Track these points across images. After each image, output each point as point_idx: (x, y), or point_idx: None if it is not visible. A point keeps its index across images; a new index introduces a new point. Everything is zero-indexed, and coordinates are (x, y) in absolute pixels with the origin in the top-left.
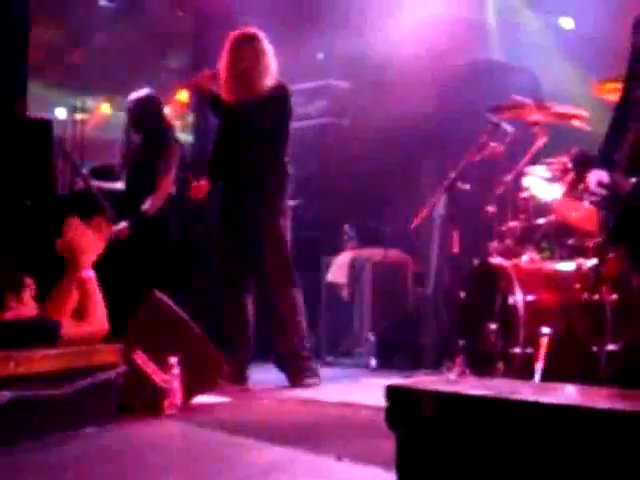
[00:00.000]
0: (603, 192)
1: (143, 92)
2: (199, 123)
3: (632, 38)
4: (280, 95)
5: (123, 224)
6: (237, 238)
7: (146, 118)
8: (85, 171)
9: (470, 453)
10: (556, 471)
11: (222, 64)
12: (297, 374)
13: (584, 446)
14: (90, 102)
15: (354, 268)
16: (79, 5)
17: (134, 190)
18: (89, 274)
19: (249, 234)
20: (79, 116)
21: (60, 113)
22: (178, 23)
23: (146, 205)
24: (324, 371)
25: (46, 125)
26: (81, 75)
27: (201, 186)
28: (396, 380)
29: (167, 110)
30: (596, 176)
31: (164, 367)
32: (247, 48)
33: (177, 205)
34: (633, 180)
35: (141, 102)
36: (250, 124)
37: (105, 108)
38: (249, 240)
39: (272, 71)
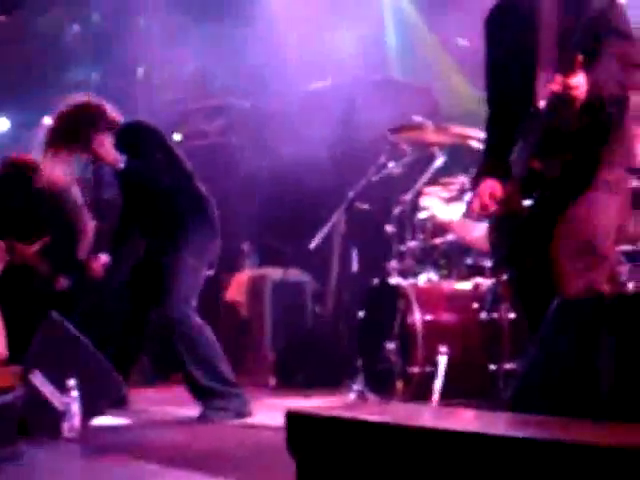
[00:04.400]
0: (493, 207)
1: None
2: None
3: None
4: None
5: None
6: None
7: None
8: None
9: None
10: None
11: None
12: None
13: (479, 473)
14: None
15: (253, 287)
16: None
17: None
18: None
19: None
20: None
21: None
22: (78, 37)
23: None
24: None
25: None
26: None
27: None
28: (296, 400)
29: None
30: (488, 187)
31: (63, 389)
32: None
33: None
34: (528, 203)
35: None
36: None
37: (3, 123)
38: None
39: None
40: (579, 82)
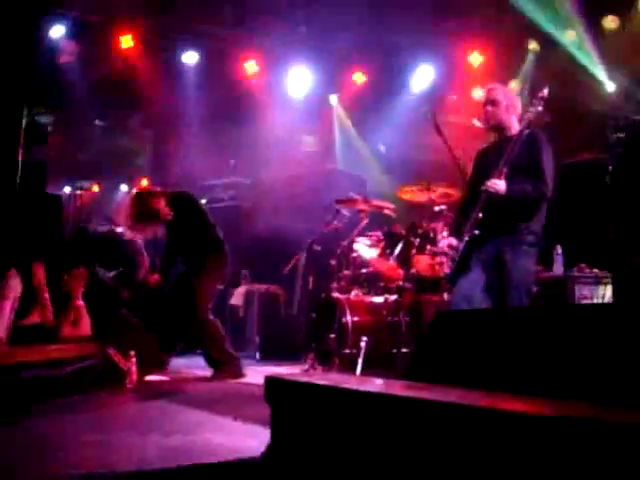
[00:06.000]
0: (451, 252)
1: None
2: None
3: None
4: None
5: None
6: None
7: None
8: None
9: (316, 420)
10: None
11: None
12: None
13: (382, 418)
14: (85, 184)
15: (247, 296)
16: (81, 123)
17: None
18: (81, 302)
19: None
20: (78, 192)
21: (67, 190)
22: (143, 138)
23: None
24: None
25: (58, 198)
26: (82, 168)
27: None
28: (272, 367)
29: None
30: (448, 241)
31: (127, 358)
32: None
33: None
34: (466, 238)
35: None
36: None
37: (95, 188)
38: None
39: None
40: (501, 184)
